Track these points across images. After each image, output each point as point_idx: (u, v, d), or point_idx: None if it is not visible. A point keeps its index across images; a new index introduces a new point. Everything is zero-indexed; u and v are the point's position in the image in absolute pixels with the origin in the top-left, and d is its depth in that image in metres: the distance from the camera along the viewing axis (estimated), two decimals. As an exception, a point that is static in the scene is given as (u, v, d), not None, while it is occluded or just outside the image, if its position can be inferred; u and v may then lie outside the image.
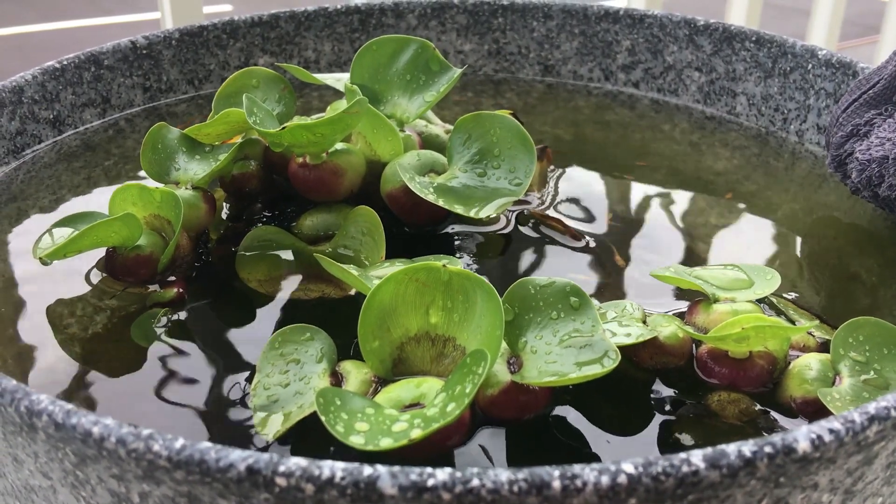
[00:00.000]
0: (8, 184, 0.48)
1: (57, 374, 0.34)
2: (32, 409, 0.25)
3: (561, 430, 0.31)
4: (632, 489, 0.23)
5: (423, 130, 0.46)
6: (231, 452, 0.23)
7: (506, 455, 0.30)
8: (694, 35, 0.58)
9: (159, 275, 0.39)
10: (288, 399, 0.31)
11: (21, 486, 0.29)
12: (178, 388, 0.34)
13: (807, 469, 0.24)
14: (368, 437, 0.27)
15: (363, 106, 0.39)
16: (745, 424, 0.32)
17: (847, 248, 0.44)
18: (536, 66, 0.63)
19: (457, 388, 0.28)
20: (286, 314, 0.38)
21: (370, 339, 0.31)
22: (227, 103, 0.45)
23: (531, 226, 0.44)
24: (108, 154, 0.52)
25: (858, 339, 0.33)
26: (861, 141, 0.44)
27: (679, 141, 0.54)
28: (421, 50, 0.45)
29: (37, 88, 0.51)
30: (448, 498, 0.22)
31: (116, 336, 0.36)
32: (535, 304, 0.32)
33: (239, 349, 0.36)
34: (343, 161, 0.42)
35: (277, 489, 0.23)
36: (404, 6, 0.62)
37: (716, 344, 0.33)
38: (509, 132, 0.42)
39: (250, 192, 0.44)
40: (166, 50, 0.57)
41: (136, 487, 0.25)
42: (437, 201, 0.39)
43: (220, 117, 0.41)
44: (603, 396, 0.33)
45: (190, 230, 0.41)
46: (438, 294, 0.32)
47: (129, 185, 0.39)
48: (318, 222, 0.42)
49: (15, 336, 0.37)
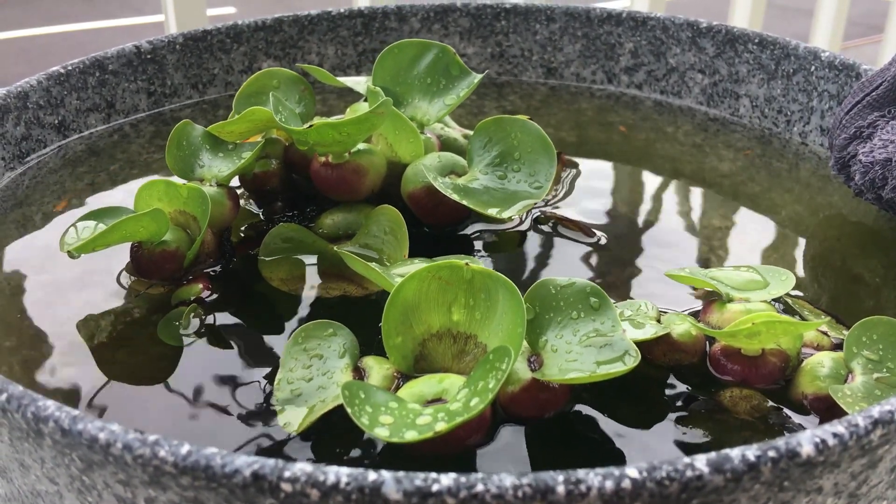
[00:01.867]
0: (14, 189, 0.48)
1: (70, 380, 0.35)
2: (39, 414, 0.25)
3: (580, 427, 0.32)
4: (636, 494, 0.23)
5: (441, 133, 0.47)
6: (237, 458, 0.23)
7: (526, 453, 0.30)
8: (697, 37, 0.58)
9: (183, 272, 0.40)
10: (311, 393, 0.31)
11: (28, 492, 0.29)
12: (202, 385, 0.34)
13: (811, 473, 0.24)
14: (393, 429, 0.27)
15: (388, 107, 0.39)
16: (757, 420, 0.32)
17: (851, 249, 0.44)
18: (539, 69, 0.63)
19: (480, 384, 0.28)
20: (308, 312, 0.38)
21: (393, 335, 0.32)
22: (248, 103, 0.45)
23: (550, 226, 0.44)
24: (113, 159, 0.52)
25: (872, 338, 0.33)
26: (864, 143, 0.44)
27: (683, 142, 0.54)
28: (441, 54, 0.46)
29: (42, 93, 0.51)
30: (453, 503, 0.22)
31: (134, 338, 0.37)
32: (555, 304, 0.33)
33: (261, 345, 0.36)
34: (365, 161, 0.42)
35: (283, 494, 0.23)
36: (407, 10, 0.62)
37: (728, 340, 0.33)
38: (530, 136, 0.42)
39: (271, 190, 0.45)
40: (170, 54, 0.57)
41: (143, 493, 0.25)
42: (461, 201, 0.40)
43: (244, 115, 0.41)
44: (618, 393, 0.33)
45: (214, 227, 0.41)
46: (461, 292, 0.32)
47: (155, 181, 0.40)
48: (338, 221, 0.42)
49: (22, 342, 0.37)
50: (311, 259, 0.41)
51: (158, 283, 0.39)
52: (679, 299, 0.39)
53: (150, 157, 0.52)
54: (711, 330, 0.34)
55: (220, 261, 0.41)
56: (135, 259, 0.40)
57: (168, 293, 0.39)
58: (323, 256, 0.41)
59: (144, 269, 0.40)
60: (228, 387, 0.34)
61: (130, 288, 0.39)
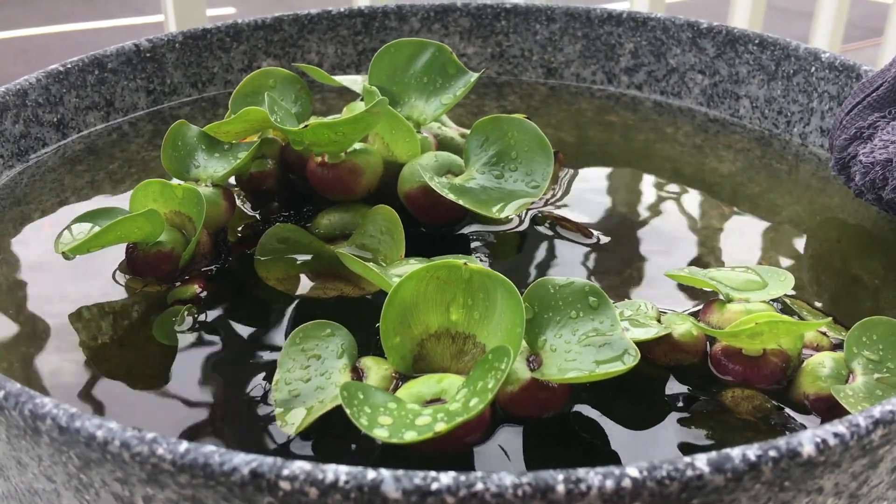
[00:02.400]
0: (12, 188, 0.48)
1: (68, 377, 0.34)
2: (36, 412, 0.25)
3: (579, 428, 0.32)
4: (636, 493, 0.22)
5: (437, 133, 0.47)
6: (235, 456, 0.23)
7: (524, 453, 0.30)
8: (697, 38, 0.58)
9: (179, 272, 0.40)
10: (309, 394, 0.31)
11: (25, 490, 0.29)
12: (199, 385, 0.34)
13: (811, 473, 0.24)
14: (392, 430, 0.27)
15: (384, 106, 0.39)
16: (759, 420, 0.32)
17: (850, 250, 0.44)
18: (539, 69, 0.63)
19: (479, 384, 0.28)
20: (304, 312, 0.38)
21: (391, 336, 0.32)
22: (244, 102, 0.45)
23: (547, 226, 0.44)
24: (112, 158, 0.52)
25: (872, 338, 0.33)
26: (864, 144, 0.44)
27: (683, 143, 0.54)
28: (438, 53, 0.46)
29: (41, 91, 0.51)
30: (452, 502, 0.22)
31: (131, 336, 0.36)
32: (554, 304, 0.33)
33: (258, 346, 0.36)
34: (361, 160, 0.42)
35: (281, 493, 0.23)
36: (407, 9, 0.62)
37: (730, 341, 0.33)
38: (527, 136, 0.42)
39: (267, 190, 0.45)
40: (170, 53, 0.57)
41: (140, 491, 0.25)
42: (458, 201, 0.39)
43: (239, 115, 0.41)
44: (618, 394, 0.33)
45: (210, 227, 0.41)
46: (459, 292, 0.32)
47: (150, 182, 0.40)
48: (335, 221, 0.42)
49: (20, 339, 0.37)
50: (308, 258, 0.41)
51: (154, 283, 0.39)
52: (678, 300, 0.39)
53: (149, 155, 0.52)
54: (714, 330, 0.34)
55: (216, 261, 0.41)
56: (130, 259, 0.40)
57: (164, 292, 0.39)
58: (319, 256, 0.41)
59: (140, 269, 0.39)
60: (225, 387, 0.34)
61: (127, 287, 0.39)
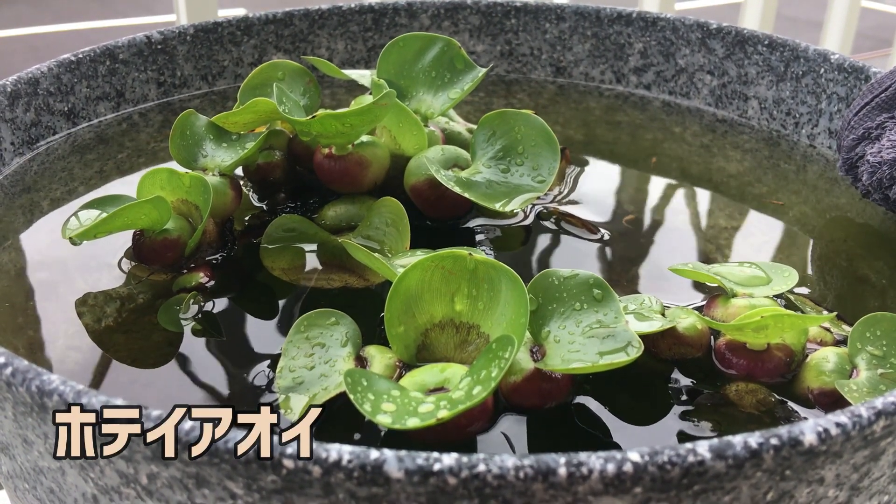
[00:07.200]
0: (22, 175, 0.48)
1: (73, 363, 0.35)
2: (43, 388, 0.25)
3: (581, 419, 0.32)
4: (637, 477, 0.23)
5: (445, 127, 0.47)
6: (238, 434, 0.23)
7: (527, 442, 0.30)
8: (706, 38, 0.58)
9: (185, 260, 0.40)
10: (313, 381, 0.31)
11: (30, 468, 0.29)
12: (203, 373, 0.34)
13: (813, 462, 0.24)
14: (395, 416, 0.27)
15: (392, 98, 0.39)
16: (762, 414, 0.32)
17: (857, 250, 0.44)
18: (548, 68, 0.63)
19: (482, 373, 0.28)
20: (309, 302, 0.38)
21: (396, 325, 0.32)
22: (252, 94, 0.45)
23: (552, 221, 0.44)
24: (122, 147, 0.52)
25: (876, 334, 0.33)
26: (872, 144, 0.44)
27: (690, 143, 0.54)
28: (447, 48, 0.46)
29: (52, 80, 0.52)
30: (454, 483, 0.22)
31: (136, 323, 0.37)
32: (558, 295, 0.33)
33: (263, 335, 0.36)
34: (368, 153, 0.42)
35: (285, 471, 0.23)
36: (418, 6, 0.62)
37: (734, 334, 0.33)
38: (534, 130, 0.42)
39: (274, 181, 0.45)
40: (181, 45, 0.57)
41: (145, 469, 0.25)
42: (464, 194, 0.39)
43: (248, 106, 0.41)
44: (622, 386, 0.33)
45: (216, 216, 0.41)
46: (464, 282, 0.32)
47: (158, 170, 0.40)
48: (341, 213, 0.42)
49: (26, 324, 0.37)
50: (313, 249, 0.41)
51: (160, 270, 0.40)
52: (682, 296, 0.39)
53: (158, 145, 0.52)
54: (719, 323, 0.34)
55: (222, 250, 0.41)
56: (136, 246, 0.40)
57: (170, 280, 0.39)
58: (325, 247, 0.41)
59: (146, 256, 0.40)
60: (229, 374, 0.34)
61: (134, 274, 0.39)
